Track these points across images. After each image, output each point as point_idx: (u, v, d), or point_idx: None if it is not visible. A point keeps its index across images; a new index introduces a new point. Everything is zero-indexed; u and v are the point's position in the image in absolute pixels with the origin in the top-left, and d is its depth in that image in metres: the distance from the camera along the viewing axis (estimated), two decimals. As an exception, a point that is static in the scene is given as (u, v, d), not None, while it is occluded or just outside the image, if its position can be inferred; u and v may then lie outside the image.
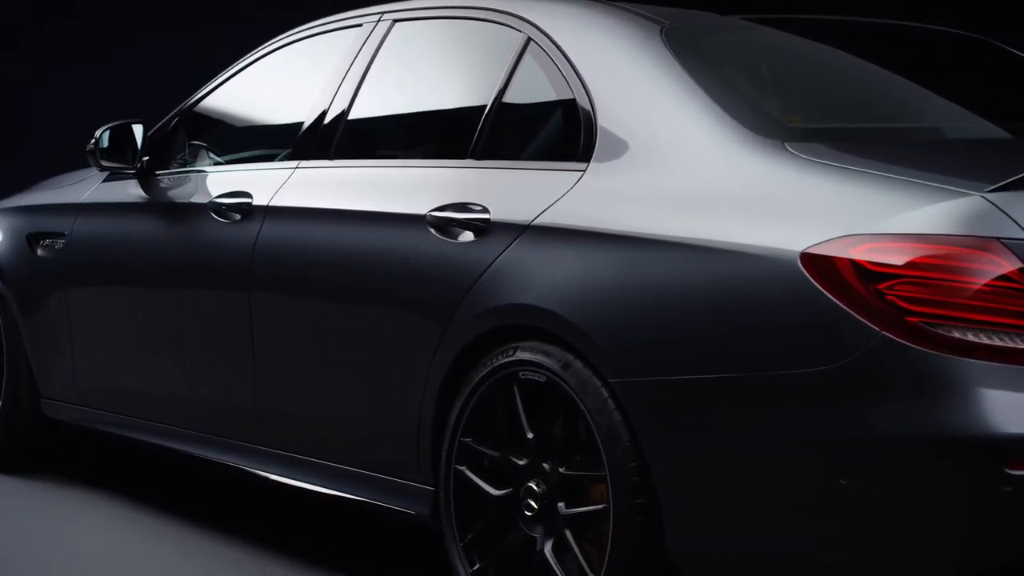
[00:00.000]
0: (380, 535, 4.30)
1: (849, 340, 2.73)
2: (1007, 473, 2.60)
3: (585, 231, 3.17)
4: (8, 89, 8.48)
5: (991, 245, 2.69)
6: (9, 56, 8.51)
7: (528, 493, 3.24)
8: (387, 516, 3.66)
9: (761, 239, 2.88)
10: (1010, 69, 3.86)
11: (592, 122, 3.31)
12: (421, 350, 3.49)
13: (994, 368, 2.65)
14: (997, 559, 2.64)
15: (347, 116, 3.98)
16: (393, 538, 4.26)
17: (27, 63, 8.51)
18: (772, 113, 3.19)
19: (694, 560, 2.98)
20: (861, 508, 2.73)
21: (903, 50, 3.80)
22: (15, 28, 8.56)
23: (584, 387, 3.10)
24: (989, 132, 3.43)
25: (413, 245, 3.55)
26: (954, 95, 3.62)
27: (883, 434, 2.69)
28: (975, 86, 3.75)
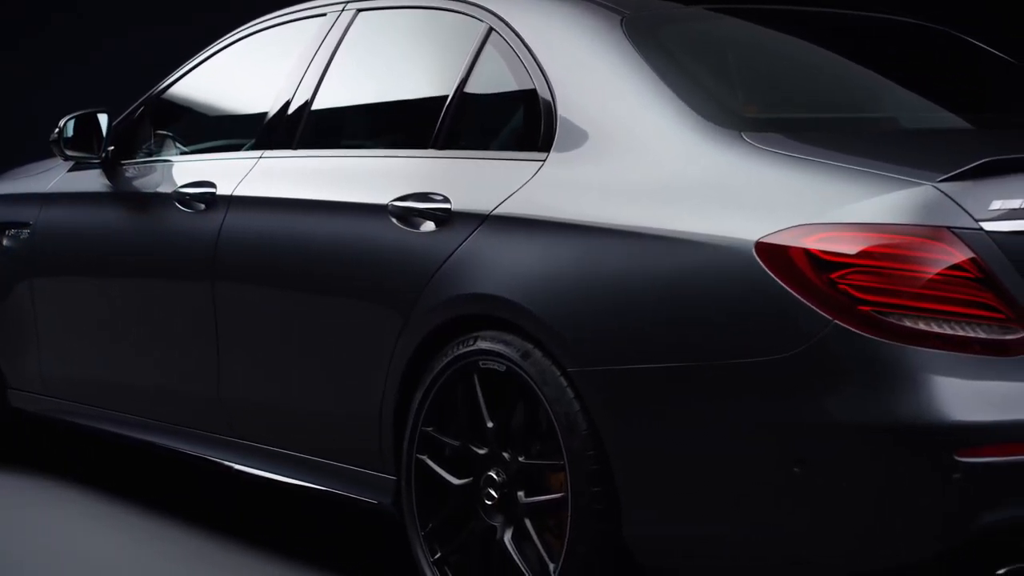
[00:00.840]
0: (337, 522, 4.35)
1: (802, 329, 2.78)
2: (956, 460, 2.65)
3: (544, 221, 3.21)
4: (8, 89, 8.50)
5: (942, 234, 2.74)
6: (9, 56, 8.53)
7: (488, 482, 3.28)
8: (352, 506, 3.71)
9: (717, 229, 2.92)
10: (973, 60, 3.91)
11: (552, 112, 3.35)
12: (383, 339, 3.53)
13: (944, 356, 2.70)
14: (947, 545, 2.68)
15: (311, 106, 4.01)
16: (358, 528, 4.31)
17: (27, 63, 8.53)
18: (730, 103, 3.23)
19: (651, 547, 3.03)
20: (815, 496, 2.77)
21: (866, 40, 3.85)
22: (15, 28, 8.58)
23: (543, 376, 3.14)
24: (947, 122, 3.47)
25: (375, 235, 3.59)
26: (916, 85, 3.67)
27: (835, 422, 2.74)
28: (938, 77, 3.80)
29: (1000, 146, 3.10)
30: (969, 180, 2.77)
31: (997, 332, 2.73)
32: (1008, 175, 2.79)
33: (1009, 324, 2.74)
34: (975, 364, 2.71)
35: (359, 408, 3.62)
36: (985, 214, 2.75)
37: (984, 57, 3.90)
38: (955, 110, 3.54)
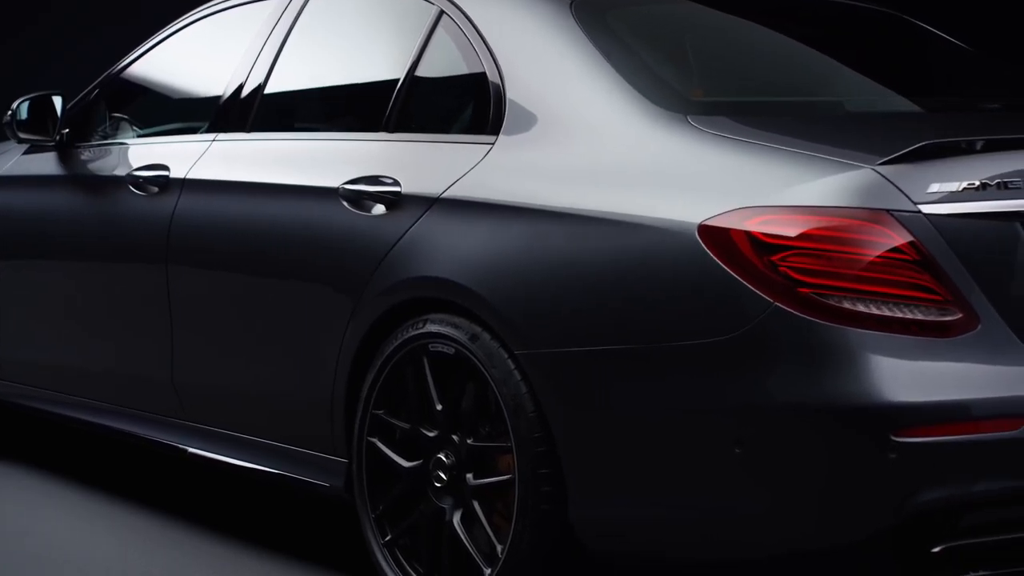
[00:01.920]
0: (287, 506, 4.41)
1: (744, 311, 2.83)
2: (893, 440, 2.71)
3: (492, 204, 3.26)
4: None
5: (881, 217, 2.80)
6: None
7: (438, 465, 3.33)
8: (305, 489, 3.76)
9: (661, 212, 2.97)
10: (923, 44, 3.97)
11: (501, 95, 3.40)
12: (334, 323, 3.57)
13: (883, 338, 2.76)
14: (884, 524, 2.74)
15: (264, 89, 4.05)
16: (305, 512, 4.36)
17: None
18: (677, 87, 3.28)
19: (596, 529, 3.08)
20: (756, 476, 2.83)
21: (816, 24, 3.90)
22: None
23: (491, 359, 3.19)
24: (894, 106, 3.53)
25: (326, 218, 3.63)
26: (865, 69, 3.72)
27: (775, 403, 2.80)
28: (888, 60, 3.85)
29: (941, 129, 3.17)
30: (908, 163, 2.83)
31: (935, 314, 2.79)
32: (946, 158, 2.86)
33: (947, 306, 2.80)
34: (913, 345, 2.77)
35: (311, 391, 3.66)
36: (924, 197, 2.81)
37: (934, 41, 3.96)
38: (903, 93, 3.60)
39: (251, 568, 3.86)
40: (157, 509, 4.38)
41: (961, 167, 2.85)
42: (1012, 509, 2.78)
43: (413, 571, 3.39)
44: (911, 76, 3.76)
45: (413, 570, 3.39)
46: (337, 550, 3.95)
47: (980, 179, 2.84)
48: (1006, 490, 2.76)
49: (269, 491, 4.46)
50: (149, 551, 4.04)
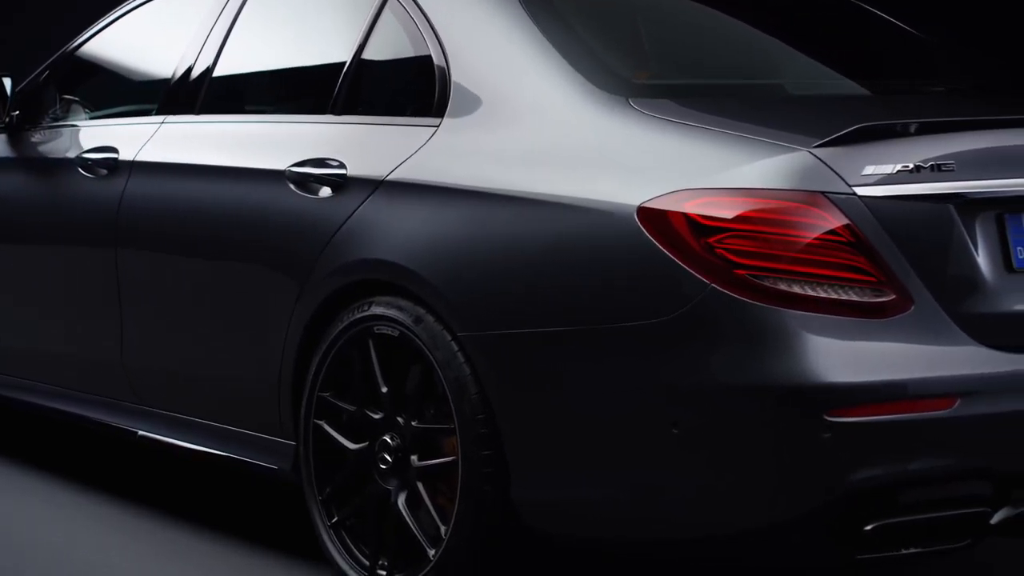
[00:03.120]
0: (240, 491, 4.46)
1: (681, 293, 2.89)
2: (827, 420, 2.77)
3: (436, 186, 3.31)
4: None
5: (817, 199, 2.86)
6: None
7: (383, 447, 3.39)
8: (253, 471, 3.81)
9: (601, 194, 3.03)
10: (872, 28, 4.02)
11: (446, 78, 3.45)
12: (281, 306, 3.62)
13: (818, 319, 2.82)
14: (818, 503, 2.81)
15: (212, 71, 4.09)
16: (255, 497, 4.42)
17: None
18: (620, 69, 3.33)
19: (538, 510, 3.14)
20: (691, 456, 2.90)
21: (763, 7, 3.95)
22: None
23: (435, 341, 3.25)
24: (837, 88, 3.60)
25: (273, 201, 3.68)
26: (811, 52, 3.78)
27: (712, 384, 2.86)
28: (835, 44, 3.91)
29: (879, 112, 3.24)
30: (843, 146, 2.89)
31: (869, 295, 2.86)
32: (881, 141, 2.92)
33: (881, 287, 2.87)
34: (847, 326, 2.83)
35: (258, 374, 3.71)
36: (859, 179, 2.87)
37: (883, 26, 4.02)
38: (848, 76, 3.66)
39: (200, 550, 3.91)
40: (107, 492, 4.42)
41: (896, 150, 2.92)
42: (944, 487, 2.85)
43: (359, 552, 3.45)
44: (857, 59, 3.81)
45: (359, 552, 3.45)
46: (286, 532, 4.00)
47: (914, 162, 2.90)
48: (939, 469, 2.83)
49: (219, 473, 4.51)
50: (100, 534, 4.09)
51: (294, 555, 3.80)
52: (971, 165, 2.96)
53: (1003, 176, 2.99)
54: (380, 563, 3.39)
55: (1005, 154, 3.03)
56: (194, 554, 3.89)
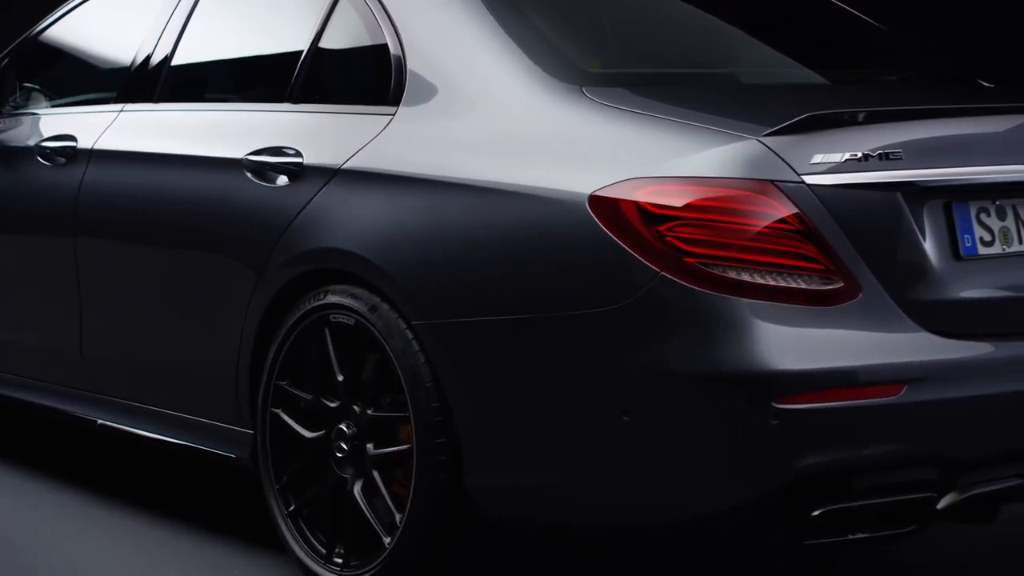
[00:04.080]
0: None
1: (632, 281, 2.93)
2: (775, 407, 2.82)
3: (391, 175, 3.35)
4: None
5: (766, 188, 2.91)
6: None
7: (339, 435, 3.43)
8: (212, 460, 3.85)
9: (553, 182, 3.07)
10: (830, 18, 4.07)
11: (402, 67, 3.49)
12: (239, 294, 3.65)
13: (766, 307, 2.87)
14: (766, 489, 2.85)
15: (171, 59, 4.12)
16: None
17: None
18: (574, 58, 3.37)
19: (491, 497, 3.18)
20: (642, 444, 2.94)
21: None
22: None
23: (389, 329, 3.29)
24: (792, 77, 3.64)
25: (231, 189, 3.72)
26: (768, 41, 3.83)
27: (661, 372, 2.91)
28: (792, 33, 3.95)
29: (828, 101, 3.29)
30: (792, 135, 2.93)
31: (818, 283, 2.91)
32: (830, 129, 2.97)
33: (829, 275, 2.91)
34: (796, 314, 2.88)
35: (217, 362, 3.75)
36: (807, 168, 2.92)
37: (839, 15, 4.06)
38: (802, 65, 3.71)
39: (153, 537, 3.95)
40: (68, 481, 4.46)
41: (845, 138, 2.96)
42: (891, 473, 2.90)
43: (316, 540, 3.49)
44: (812, 48, 3.85)
45: (316, 539, 3.49)
46: (244, 520, 4.05)
47: (863, 150, 2.95)
48: (886, 455, 2.88)
49: (177, 462, 4.55)
50: (56, 520, 4.13)
51: (252, 543, 3.85)
52: (919, 154, 3.01)
53: (951, 165, 3.05)
54: (336, 551, 3.43)
55: (953, 143, 3.09)
56: (148, 541, 3.93)
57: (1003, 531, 3.71)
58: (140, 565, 3.76)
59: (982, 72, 3.81)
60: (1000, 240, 3.11)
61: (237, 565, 3.72)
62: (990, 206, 3.11)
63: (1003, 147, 3.14)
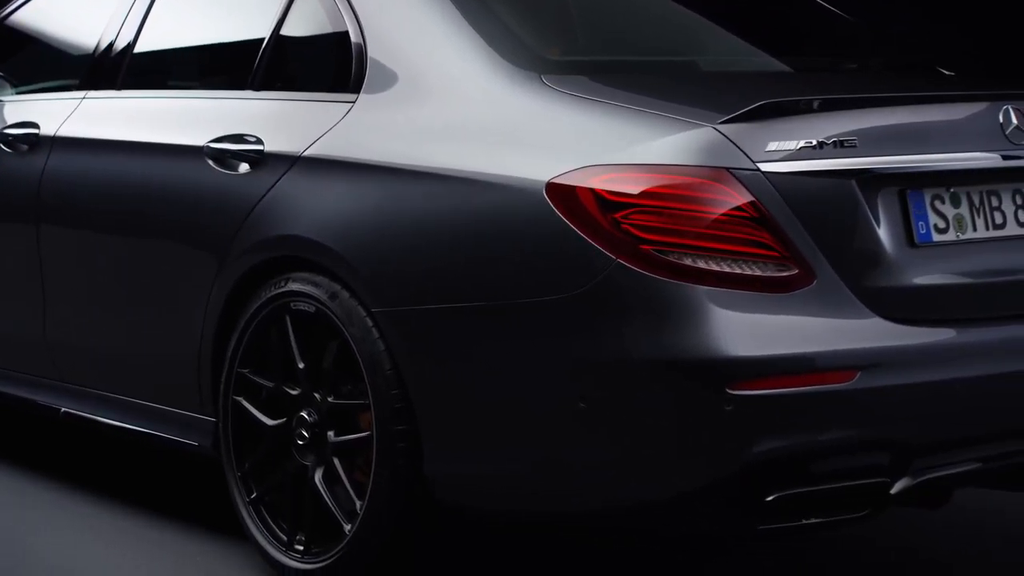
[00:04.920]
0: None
1: (588, 268, 2.97)
2: (729, 393, 2.87)
3: (351, 162, 3.39)
4: None
5: (721, 176, 2.95)
6: None
7: (300, 423, 3.47)
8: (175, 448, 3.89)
9: (511, 170, 3.11)
10: (793, 6, 4.12)
11: (363, 54, 3.52)
12: (200, 282, 3.69)
13: (720, 293, 2.91)
14: (721, 474, 2.90)
15: (134, 46, 4.15)
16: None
17: None
18: (534, 46, 3.41)
19: (449, 485, 3.22)
20: (599, 430, 2.98)
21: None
22: None
23: (349, 317, 3.32)
24: (752, 65, 3.68)
25: (192, 177, 3.75)
26: (730, 28, 3.87)
27: (617, 358, 2.95)
28: (755, 20, 3.99)
29: (787, 89, 3.33)
30: (748, 122, 2.97)
31: (772, 270, 2.95)
32: (785, 117, 3.01)
33: (784, 262, 2.96)
34: (750, 301, 2.92)
35: (179, 350, 3.78)
36: (762, 156, 2.95)
37: (804, 3, 4.10)
38: (763, 54, 3.74)
39: (120, 527, 3.99)
40: (29, 468, 4.49)
41: (800, 126, 3.00)
42: (845, 459, 2.94)
43: (278, 528, 3.53)
44: (774, 37, 3.89)
45: (278, 527, 3.53)
46: (207, 508, 4.08)
47: (818, 138, 2.99)
48: (839, 440, 2.92)
49: (140, 450, 4.58)
50: (18, 507, 4.16)
51: (214, 530, 3.88)
52: (874, 141, 3.05)
53: (905, 152, 3.09)
54: (298, 538, 3.47)
55: (908, 130, 3.13)
56: (110, 529, 3.97)
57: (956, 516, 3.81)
58: (102, 553, 3.80)
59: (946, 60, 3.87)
60: (954, 227, 3.16)
61: (199, 552, 3.76)
62: (945, 193, 3.16)
63: (959, 135, 3.18)
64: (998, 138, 3.17)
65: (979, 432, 3.10)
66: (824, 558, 3.75)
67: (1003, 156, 3.18)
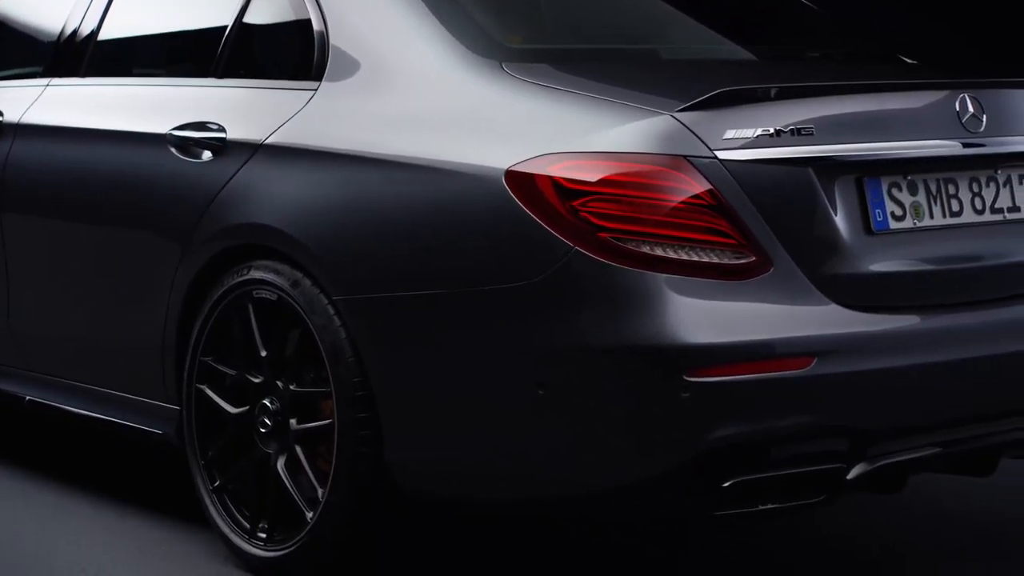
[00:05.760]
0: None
1: (547, 256, 3.01)
2: (686, 380, 2.91)
3: (313, 150, 3.42)
4: None
5: (679, 163, 2.99)
6: None
7: (263, 411, 3.50)
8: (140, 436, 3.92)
9: (471, 157, 3.15)
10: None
11: (325, 42, 3.55)
12: (164, 270, 3.72)
13: (678, 281, 2.95)
14: (678, 460, 2.94)
15: (98, 34, 4.18)
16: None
17: None
18: (495, 34, 3.44)
19: (410, 471, 3.26)
20: (557, 417, 3.02)
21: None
22: None
23: (311, 305, 3.36)
24: (713, 53, 3.72)
25: (155, 164, 3.78)
26: (693, 16, 3.90)
27: (576, 346, 2.99)
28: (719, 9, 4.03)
29: (746, 77, 3.37)
30: (705, 110, 3.01)
31: (730, 257, 2.99)
32: (742, 105, 3.05)
33: (741, 250, 3.00)
34: (708, 288, 2.96)
35: (143, 338, 3.81)
36: (720, 143, 3.00)
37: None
38: (725, 42, 3.79)
39: (83, 515, 4.02)
40: None
41: (757, 114, 3.04)
42: (801, 444, 2.99)
43: (241, 516, 3.57)
44: (737, 25, 3.93)
45: (241, 515, 3.57)
46: (170, 496, 4.10)
47: (775, 126, 3.03)
48: (796, 426, 2.97)
49: (104, 437, 4.60)
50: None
51: (177, 519, 3.91)
52: (831, 129, 3.10)
53: (863, 140, 3.14)
54: (260, 526, 3.51)
55: (866, 118, 3.18)
56: (73, 516, 4.00)
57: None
58: (65, 541, 3.82)
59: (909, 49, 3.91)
60: (911, 215, 3.21)
61: (163, 541, 3.79)
62: (902, 181, 3.21)
63: (916, 123, 3.23)
64: (955, 126, 3.23)
65: (935, 418, 3.15)
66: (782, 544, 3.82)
67: (960, 144, 3.23)
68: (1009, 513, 4.03)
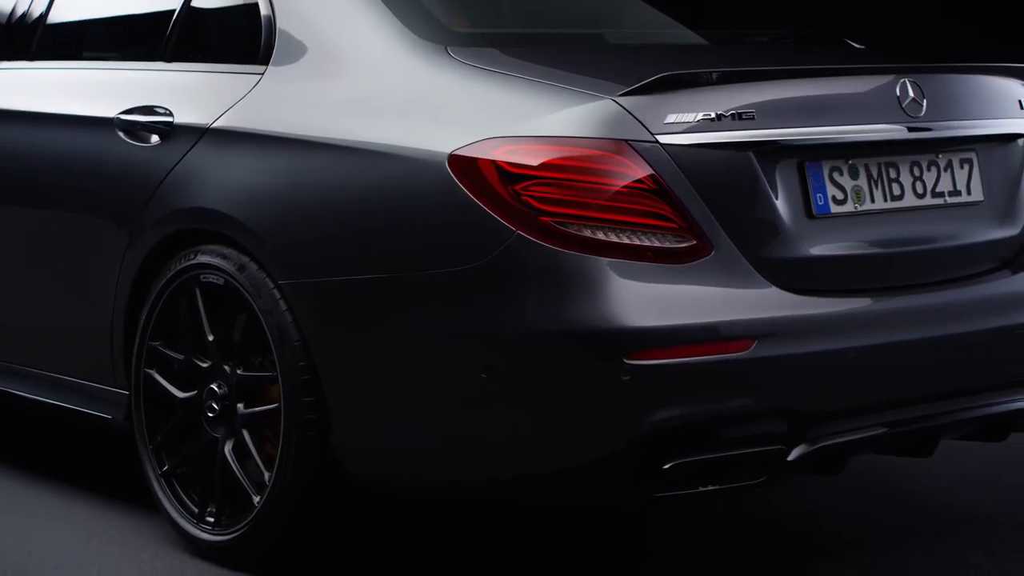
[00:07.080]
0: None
1: (489, 240, 3.06)
2: (626, 363, 2.97)
3: (259, 134, 3.46)
4: None
5: (620, 148, 3.04)
6: None
7: (211, 395, 3.55)
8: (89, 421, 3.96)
9: (414, 142, 3.19)
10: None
11: (272, 26, 3.59)
12: (112, 255, 3.76)
13: (619, 264, 3.01)
14: (619, 443, 3.00)
15: (46, 17, 4.21)
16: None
17: None
18: (441, 18, 3.49)
19: (356, 455, 3.31)
20: (500, 400, 3.08)
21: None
22: None
23: (257, 289, 3.40)
24: (659, 38, 3.78)
25: (103, 149, 3.82)
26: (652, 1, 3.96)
27: (518, 330, 3.04)
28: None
29: (690, 61, 3.42)
30: (647, 95, 3.06)
31: (671, 241, 3.05)
32: (683, 90, 3.09)
33: (682, 234, 3.05)
34: (649, 272, 3.02)
35: (91, 323, 3.86)
36: (661, 128, 3.05)
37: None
38: (679, 26, 3.84)
39: (31, 500, 4.05)
40: None
41: (699, 99, 3.09)
42: (742, 427, 3.04)
43: (189, 500, 3.62)
44: (691, 10, 3.98)
45: (189, 499, 3.62)
46: (119, 481, 4.15)
47: (716, 111, 3.09)
48: (736, 409, 3.03)
49: (52, 422, 4.64)
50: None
51: (126, 503, 3.96)
52: (773, 113, 3.15)
53: (804, 124, 3.19)
54: (208, 510, 3.56)
55: (808, 103, 3.23)
56: (22, 502, 4.04)
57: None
58: (12, 526, 3.87)
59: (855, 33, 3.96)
60: (852, 199, 3.27)
61: (111, 526, 3.83)
62: (843, 165, 3.27)
63: (858, 107, 3.29)
64: (896, 111, 3.29)
65: (876, 400, 3.20)
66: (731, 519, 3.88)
67: (901, 128, 3.29)
68: (942, 496, 4.11)
